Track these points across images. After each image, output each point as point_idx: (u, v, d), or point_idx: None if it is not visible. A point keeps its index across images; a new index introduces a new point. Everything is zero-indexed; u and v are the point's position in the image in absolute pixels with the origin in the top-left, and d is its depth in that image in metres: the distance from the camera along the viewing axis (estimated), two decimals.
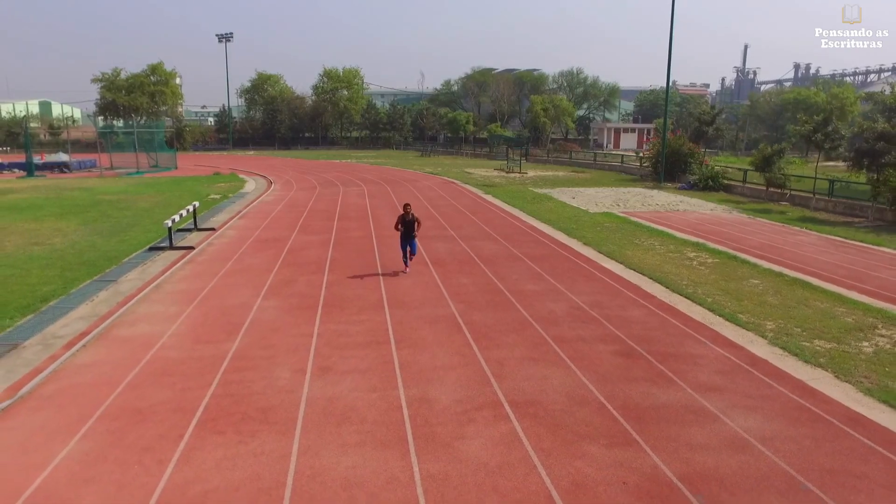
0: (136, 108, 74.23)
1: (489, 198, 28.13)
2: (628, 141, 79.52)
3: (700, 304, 11.46)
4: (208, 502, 5.43)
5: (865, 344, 9.50)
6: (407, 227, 13.25)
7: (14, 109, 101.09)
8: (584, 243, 17.24)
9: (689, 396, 7.60)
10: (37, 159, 44.69)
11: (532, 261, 15.05)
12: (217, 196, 28.20)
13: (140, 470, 5.94)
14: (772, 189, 28.66)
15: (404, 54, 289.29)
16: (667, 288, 12.61)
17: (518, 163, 43.31)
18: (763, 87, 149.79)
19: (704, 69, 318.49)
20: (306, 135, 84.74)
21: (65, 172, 43.74)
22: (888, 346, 9.44)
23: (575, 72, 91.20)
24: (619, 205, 25.93)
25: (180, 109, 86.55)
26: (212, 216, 22.23)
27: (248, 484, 5.71)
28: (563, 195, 29.04)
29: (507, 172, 41.56)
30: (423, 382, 7.94)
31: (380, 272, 13.84)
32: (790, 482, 5.78)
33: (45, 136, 78.23)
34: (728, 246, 17.18)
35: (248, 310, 11.04)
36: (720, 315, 10.83)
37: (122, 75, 75.58)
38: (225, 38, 78.37)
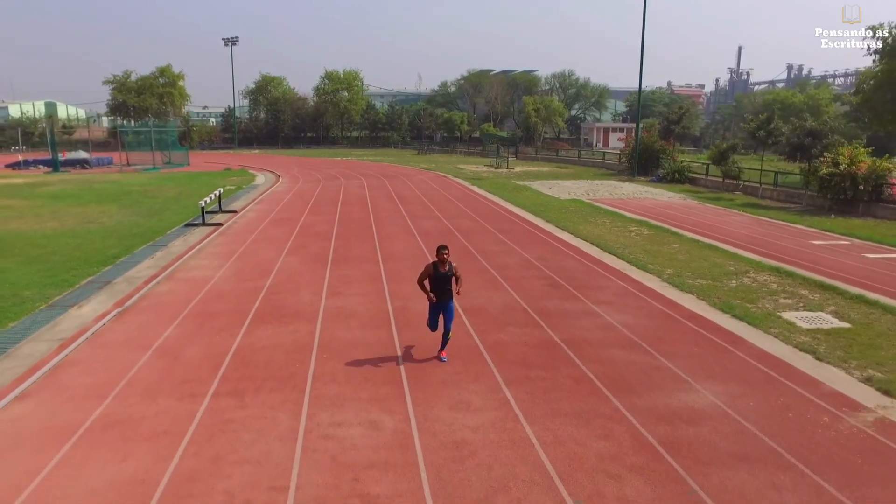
0: (146, 108, 77.74)
1: (475, 188, 31.55)
2: (617, 140, 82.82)
3: (622, 258, 14.88)
4: (268, 349, 8.83)
5: (733, 282, 12.90)
6: (441, 286, 8.21)
7: (21, 110, 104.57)
8: (546, 220, 20.67)
9: (586, 306, 11.01)
10: (58, 156, 48.07)
11: (499, 232, 18.48)
12: (232, 187, 31.57)
13: (220, 339, 9.33)
14: (727, 180, 32.10)
15: (403, 55, 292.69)
16: (601, 249, 16.03)
17: (506, 159, 46.72)
18: (756, 88, 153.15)
19: (702, 69, 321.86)
20: (308, 134, 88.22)
21: (86, 168, 47.12)
22: (748, 282, 12.85)
23: (567, 73, 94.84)
24: (588, 194, 29.34)
25: (185, 110, 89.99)
26: (231, 203, 25.60)
27: (290, 343, 9.11)
28: (542, 186, 32.47)
29: (495, 168, 45.00)
30: (404, 300, 11.33)
31: (376, 241, 17.25)
32: (631, 342, 9.18)
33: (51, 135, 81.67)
34: (667, 223, 20.59)
35: (274, 262, 14.44)
36: (634, 265, 14.25)
37: (133, 77, 78.97)
38: (231, 41, 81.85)
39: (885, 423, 6.77)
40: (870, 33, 33.09)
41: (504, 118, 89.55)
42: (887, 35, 32.09)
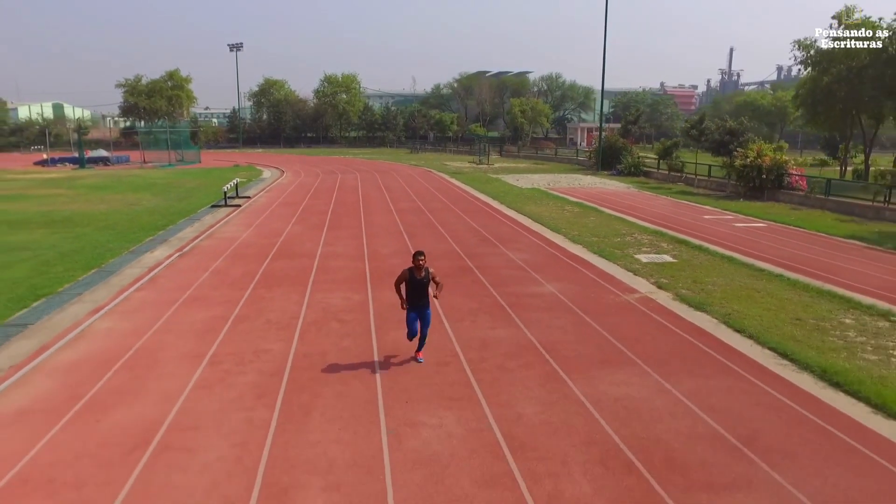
0: (156, 110, 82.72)
1: (453, 180, 36.46)
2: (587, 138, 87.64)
3: (545, 226, 19.77)
4: (284, 270, 13.72)
5: (617, 239, 17.76)
6: (417, 292, 8.32)
7: (30, 112, 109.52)
8: (501, 203, 25.57)
9: (501, 251, 15.90)
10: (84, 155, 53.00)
11: (460, 211, 23.39)
12: (244, 180, 36.41)
13: (251, 266, 14.22)
14: (672, 173, 36.97)
15: (401, 56, 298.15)
16: (533, 220, 20.92)
17: (487, 156, 51.60)
18: (746, 88, 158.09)
19: (701, 70, 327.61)
20: (308, 134, 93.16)
21: (107, 165, 52.01)
22: (628, 239, 17.72)
23: (554, 76, 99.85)
24: (549, 184, 34.22)
25: (191, 111, 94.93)
26: (245, 191, 30.50)
27: (298, 268, 14.00)
28: (511, 179, 37.37)
29: (476, 164, 49.90)
30: (376, 246, 16.24)
31: (362, 216, 22.14)
32: (519, 267, 14.08)
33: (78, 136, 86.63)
34: (598, 204, 25.45)
35: (284, 228, 19.34)
36: (551, 229, 19.14)
37: (143, 81, 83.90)
38: (236, 47, 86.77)
39: (643, 297, 11.67)
40: (799, 45, 37.92)
41: (494, 119, 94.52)
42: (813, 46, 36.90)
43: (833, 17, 36.16)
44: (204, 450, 6.19)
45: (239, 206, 24.68)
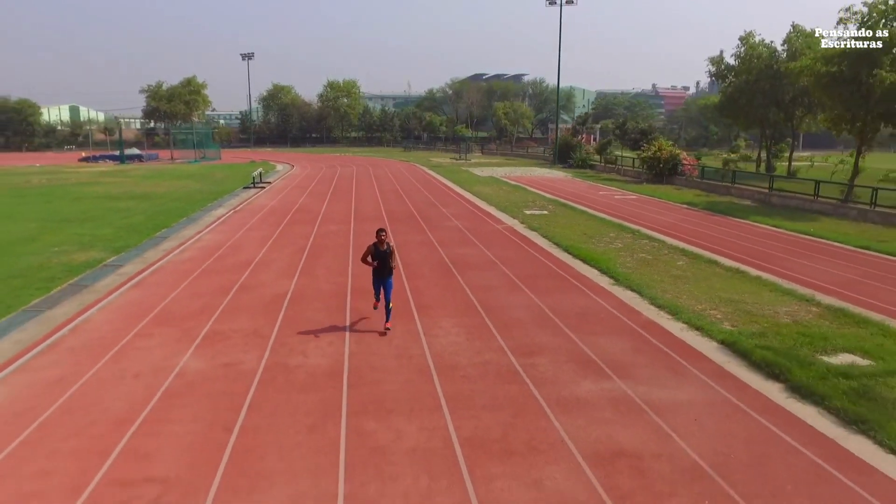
0: (175, 113, 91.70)
1: (430, 172, 45.18)
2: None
3: (479, 197, 28.45)
4: (301, 219, 22.46)
5: (522, 203, 26.39)
6: (381, 262, 10.07)
7: (48, 114, 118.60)
8: (458, 185, 34.30)
9: (440, 209, 24.60)
10: (116, 153, 61.89)
11: (425, 190, 32.14)
12: (262, 171, 45.16)
13: (280, 217, 22.95)
14: (608, 165, 45.61)
15: (401, 57, 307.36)
16: (474, 195, 29.61)
17: (465, 153, 60.30)
18: None
19: (698, 71, 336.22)
20: (313, 135, 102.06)
21: (142, 161, 60.88)
22: (530, 203, 26.35)
23: (539, 81, 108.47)
24: (505, 174, 42.86)
25: (205, 114, 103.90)
26: (266, 179, 39.21)
27: (309, 218, 22.73)
28: (478, 170, 46.05)
29: (456, 160, 58.57)
30: (361, 208, 24.97)
31: (353, 193, 30.90)
32: (446, 216, 22.79)
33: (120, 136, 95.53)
34: (530, 186, 34.08)
35: (298, 200, 28.08)
36: (482, 199, 27.83)
37: (164, 87, 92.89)
38: (248, 56, 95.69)
39: (508, 227, 20.37)
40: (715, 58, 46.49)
41: (483, 121, 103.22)
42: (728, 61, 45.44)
43: (739, 38, 44.84)
44: (275, 265, 14.92)
45: (263, 187, 33.46)
